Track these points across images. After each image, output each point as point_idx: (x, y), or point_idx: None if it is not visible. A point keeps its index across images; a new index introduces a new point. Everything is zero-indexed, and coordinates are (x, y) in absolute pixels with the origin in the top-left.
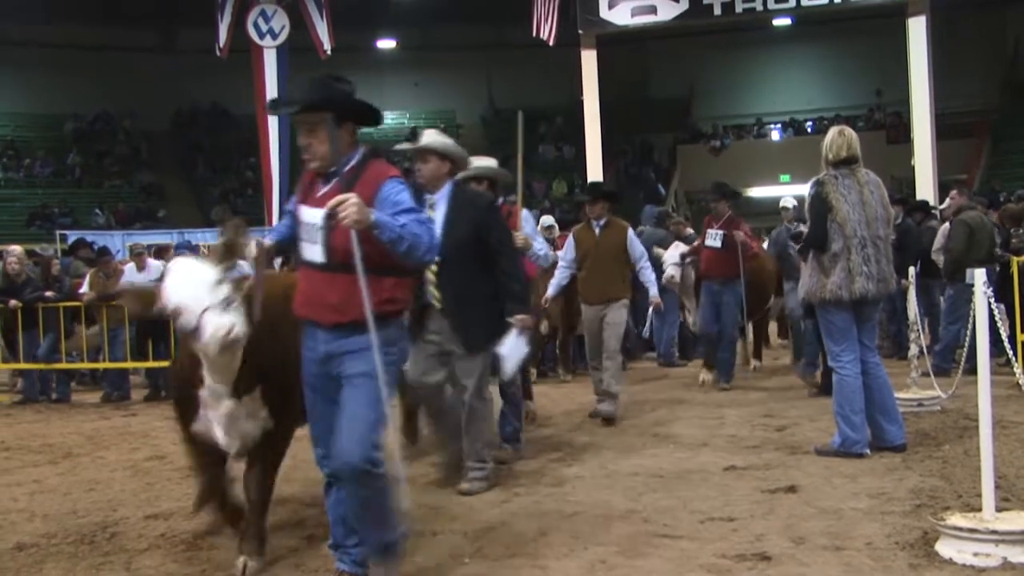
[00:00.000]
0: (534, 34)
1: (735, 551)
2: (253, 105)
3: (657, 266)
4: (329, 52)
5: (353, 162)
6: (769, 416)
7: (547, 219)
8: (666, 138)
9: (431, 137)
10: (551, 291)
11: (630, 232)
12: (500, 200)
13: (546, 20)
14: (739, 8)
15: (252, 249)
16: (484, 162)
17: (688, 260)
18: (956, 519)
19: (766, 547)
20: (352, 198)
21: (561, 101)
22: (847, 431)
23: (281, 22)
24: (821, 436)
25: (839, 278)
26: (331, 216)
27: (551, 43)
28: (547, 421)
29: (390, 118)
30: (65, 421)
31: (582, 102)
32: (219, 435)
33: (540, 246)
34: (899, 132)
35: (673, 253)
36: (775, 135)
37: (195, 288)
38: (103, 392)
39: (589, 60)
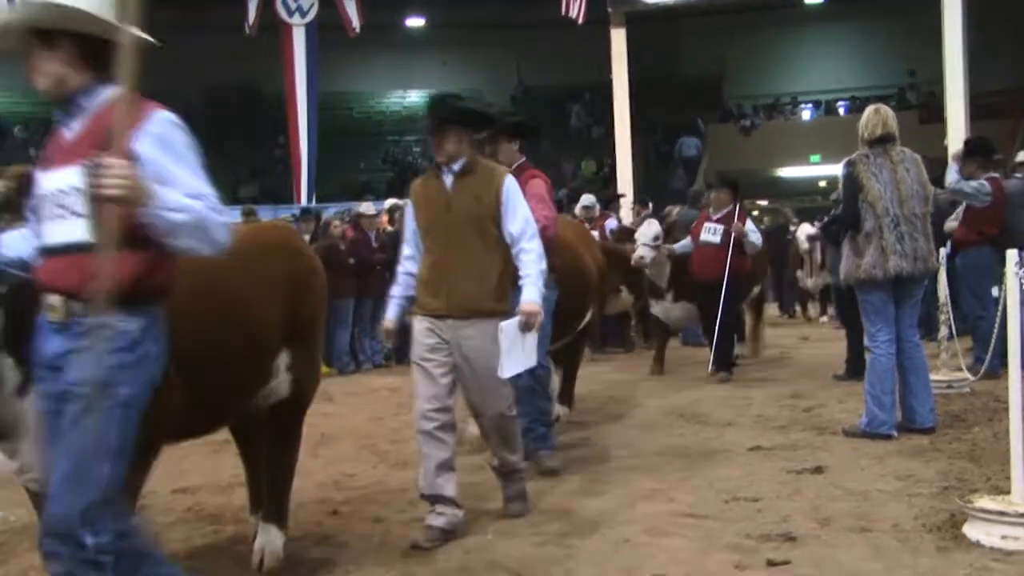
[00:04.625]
0: (563, 12)
1: (760, 531)
2: (283, 83)
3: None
4: (358, 30)
5: None
6: (797, 396)
7: (587, 198)
8: (696, 117)
9: None
10: (390, 313)
11: (508, 183)
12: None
13: None
14: None
15: None
16: None
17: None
18: (984, 502)
19: (791, 528)
20: None
21: (590, 80)
22: (875, 411)
23: (309, 0)
24: (849, 417)
25: (872, 257)
26: None
27: (580, 21)
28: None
29: (418, 97)
30: None
31: (611, 81)
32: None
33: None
34: (932, 112)
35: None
36: (806, 115)
37: None
38: None
39: (618, 38)
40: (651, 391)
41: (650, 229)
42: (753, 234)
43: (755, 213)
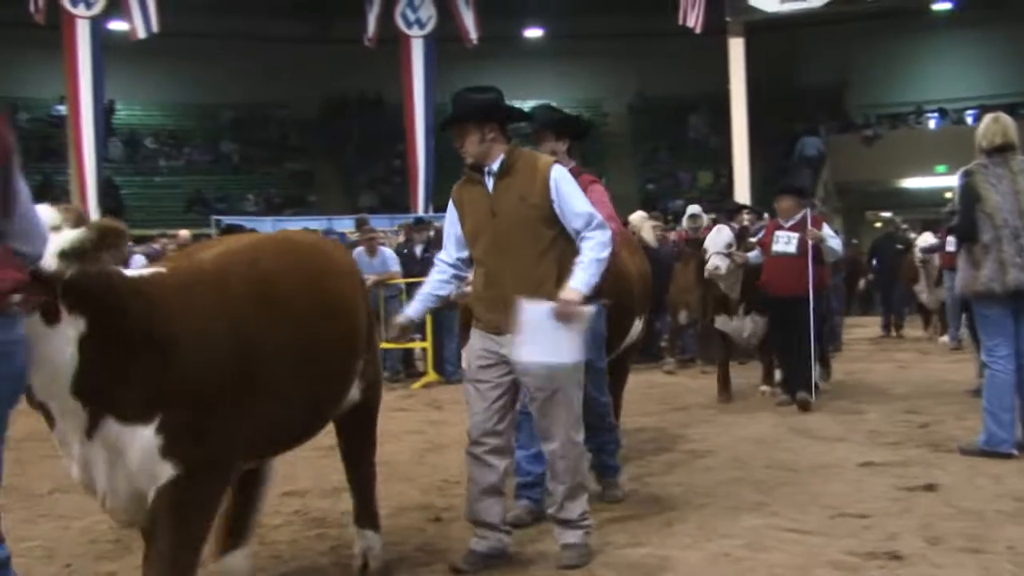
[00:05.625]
0: (680, 22)
1: (865, 549)
2: (401, 94)
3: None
4: (476, 41)
5: None
6: (912, 412)
7: (693, 207)
8: (819, 125)
9: None
10: (411, 309)
11: (554, 173)
12: None
13: (692, 7)
14: None
15: None
16: None
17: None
18: None
19: (899, 546)
20: None
21: (708, 89)
22: (994, 429)
23: (428, 12)
24: (967, 434)
25: (991, 270)
26: None
27: (698, 31)
28: (682, 411)
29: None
30: None
31: (729, 91)
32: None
33: None
34: None
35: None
36: (932, 124)
37: None
38: None
39: (737, 48)
40: (762, 403)
41: (720, 236)
42: (832, 239)
43: (877, 225)
